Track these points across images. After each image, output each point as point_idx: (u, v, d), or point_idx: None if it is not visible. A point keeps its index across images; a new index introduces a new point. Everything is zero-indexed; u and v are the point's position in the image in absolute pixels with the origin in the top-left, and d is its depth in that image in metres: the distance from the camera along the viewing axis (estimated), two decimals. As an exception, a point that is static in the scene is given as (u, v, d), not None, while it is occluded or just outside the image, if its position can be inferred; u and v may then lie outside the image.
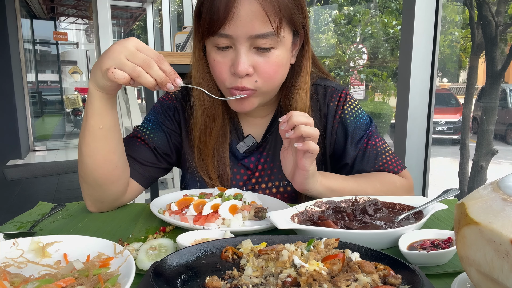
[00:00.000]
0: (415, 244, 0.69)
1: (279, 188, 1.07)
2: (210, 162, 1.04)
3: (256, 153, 1.08)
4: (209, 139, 1.03)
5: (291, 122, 0.82)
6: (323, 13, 6.88)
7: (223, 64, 0.92)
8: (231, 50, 0.91)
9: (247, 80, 0.91)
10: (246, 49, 0.89)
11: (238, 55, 0.89)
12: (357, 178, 1.01)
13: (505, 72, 3.10)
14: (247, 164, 1.07)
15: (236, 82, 0.92)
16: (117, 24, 13.74)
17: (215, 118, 1.02)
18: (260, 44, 0.88)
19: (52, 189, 4.68)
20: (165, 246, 0.70)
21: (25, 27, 8.87)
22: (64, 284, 0.53)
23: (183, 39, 2.77)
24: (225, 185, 1.05)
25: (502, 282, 0.40)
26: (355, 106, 1.08)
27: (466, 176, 3.28)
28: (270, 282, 0.53)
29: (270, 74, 0.92)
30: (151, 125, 1.07)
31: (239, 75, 0.90)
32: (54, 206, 0.98)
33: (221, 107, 1.03)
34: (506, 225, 0.39)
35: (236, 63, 0.89)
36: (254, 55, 0.90)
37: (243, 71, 0.89)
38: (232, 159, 1.07)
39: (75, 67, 13.47)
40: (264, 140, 1.08)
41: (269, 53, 0.90)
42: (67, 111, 10.52)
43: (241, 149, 1.06)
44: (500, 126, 4.13)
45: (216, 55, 0.92)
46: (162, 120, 1.08)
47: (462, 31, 4.12)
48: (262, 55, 0.90)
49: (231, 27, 0.87)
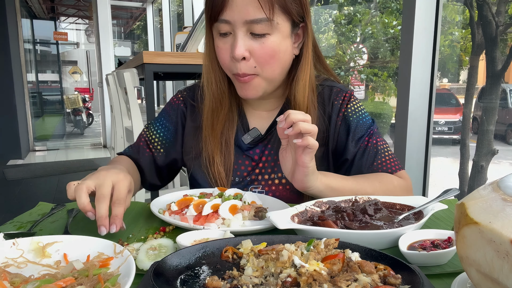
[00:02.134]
0: (415, 244, 0.69)
1: (281, 180, 1.08)
2: (216, 147, 1.08)
3: (261, 145, 1.10)
4: (216, 123, 1.07)
5: (289, 119, 0.83)
6: (323, 13, 6.88)
7: (224, 50, 0.97)
8: (230, 36, 0.96)
9: (245, 65, 0.96)
10: (243, 34, 0.94)
11: (235, 39, 0.94)
12: (356, 177, 1.02)
13: (505, 72, 3.10)
14: (252, 156, 1.10)
15: (236, 68, 0.97)
16: (117, 24, 13.75)
17: (222, 103, 1.07)
18: (255, 29, 0.93)
19: (52, 189, 4.68)
20: (165, 246, 0.70)
21: (25, 27, 8.87)
22: (64, 284, 0.53)
23: (183, 39, 2.77)
24: (228, 173, 1.08)
25: (502, 282, 0.40)
26: (358, 106, 1.10)
27: (466, 176, 3.28)
28: (270, 282, 0.53)
29: (266, 58, 0.96)
30: (162, 129, 1.17)
31: (235, 58, 0.94)
32: (54, 206, 0.98)
33: (227, 94, 1.08)
34: (506, 225, 0.39)
35: (233, 47, 0.94)
36: (250, 40, 0.95)
37: (239, 54, 0.93)
38: (237, 150, 1.10)
39: (75, 67, 13.48)
40: (269, 133, 1.10)
41: (264, 39, 0.94)
42: (67, 111, 10.52)
43: (246, 140, 1.10)
44: (500, 126, 4.13)
45: (219, 42, 0.98)
46: (171, 123, 1.17)
47: (462, 31, 4.12)
48: (258, 40, 0.95)
49: (229, 12, 0.93)
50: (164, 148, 1.16)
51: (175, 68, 2.15)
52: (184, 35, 2.88)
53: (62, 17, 12.40)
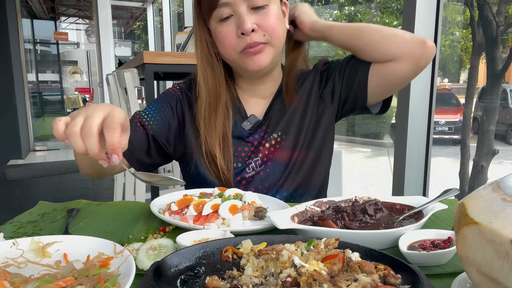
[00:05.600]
0: (415, 244, 0.69)
1: (277, 139, 1.13)
2: (216, 140, 1.09)
3: (260, 131, 1.14)
4: (214, 117, 1.09)
5: None
6: (324, 13, 6.88)
7: (229, 32, 1.02)
8: (232, 18, 1.02)
9: (255, 35, 1.01)
10: (246, 10, 1.00)
11: (240, 16, 1.00)
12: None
13: (505, 72, 3.10)
14: (252, 141, 1.13)
15: (245, 40, 1.01)
16: (118, 24, 13.74)
17: (219, 97, 1.10)
18: (256, 2, 1.00)
19: (53, 189, 4.69)
20: (165, 246, 0.70)
21: (26, 27, 8.88)
22: (64, 284, 0.53)
23: (183, 39, 2.77)
24: (229, 166, 1.09)
25: (502, 282, 0.40)
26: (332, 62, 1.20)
27: (467, 176, 3.27)
28: (270, 282, 0.53)
29: (273, 26, 1.03)
30: (152, 113, 1.13)
31: (246, 32, 1.00)
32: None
33: (224, 86, 1.11)
34: (506, 225, 0.39)
35: (241, 23, 0.99)
36: (253, 14, 1.01)
37: (248, 27, 0.99)
38: (237, 139, 1.13)
39: (76, 67, 13.48)
40: (267, 118, 1.15)
41: (266, 10, 1.02)
42: (67, 111, 10.53)
43: (246, 127, 1.14)
44: (501, 126, 4.13)
45: (221, 28, 1.03)
46: (164, 110, 1.14)
47: (463, 31, 4.12)
48: (260, 12, 1.01)
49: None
50: (155, 127, 1.10)
51: (175, 68, 2.15)
52: (184, 35, 2.88)
53: (63, 17, 12.41)
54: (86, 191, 4.54)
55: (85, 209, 0.97)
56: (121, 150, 0.70)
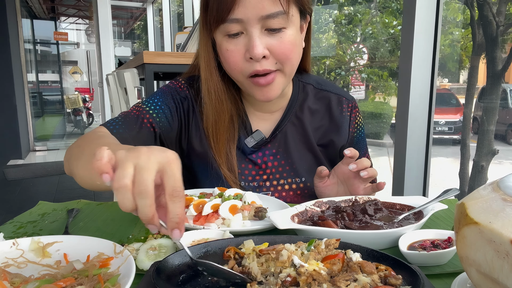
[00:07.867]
0: (415, 244, 0.69)
1: (291, 185, 1.07)
2: (222, 157, 1.02)
3: (264, 149, 1.07)
4: (219, 134, 1.01)
5: (362, 165, 0.92)
6: (324, 13, 6.88)
7: (236, 52, 0.91)
8: (242, 36, 0.90)
9: (266, 62, 0.90)
10: (258, 32, 0.88)
11: (252, 38, 0.88)
12: None
13: (505, 72, 3.10)
14: (255, 160, 1.06)
15: (253, 66, 0.90)
16: (118, 24, 13.74)
17: (221, 114, 1.01)
18: (271, 24, 0.88)
19: (53, 189, 4.68)
20: (165, 246, 0.70)
21: (26, 27, 8.88)
22: (64, 284, 0.53)
23: (183, 39, 2.77)
24: (234, 180, 1.04)
25: (502, 282, 0.40)
26: (361, 118, 1.16)
27: (467, 176, 3.27)
28: (270, 281, 0.53)
29: (287, 54, 0.91)
30: (158, 108, 1.01)
31: (256, 58, 0.88)
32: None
33: (228, 103, 1.02)
34: (506, 225, 0.39)
35: (251, 46, 0.88)
36: (267, 37, 0.89)
37: (259, 53, 0.87)
38: (240, 155, 1.05)
39: (76, 67, 13.48)
40: (273, 136, 1.07)
41: (282, 34, 0.90)
42: (67, 111, 10.52)
43: (249, 143, 1.05)
44: (501, 126, 4.13)
45: (228, 44, 0.91)
46: (169, 103, 1.03)
47: (462, 30, 4.12)
48: (275, 36, 0.89)
49: (241, 9, 0.86)
50: (162, 124, 1.02)
51: (175, 68, 2.15)
52: (184, 35, 2.88)
53: (63, 17, 12.41)
54: (86, 191, 4.52)
55: (85, 209, 0.97)
56: (183, 227, 0.55)
